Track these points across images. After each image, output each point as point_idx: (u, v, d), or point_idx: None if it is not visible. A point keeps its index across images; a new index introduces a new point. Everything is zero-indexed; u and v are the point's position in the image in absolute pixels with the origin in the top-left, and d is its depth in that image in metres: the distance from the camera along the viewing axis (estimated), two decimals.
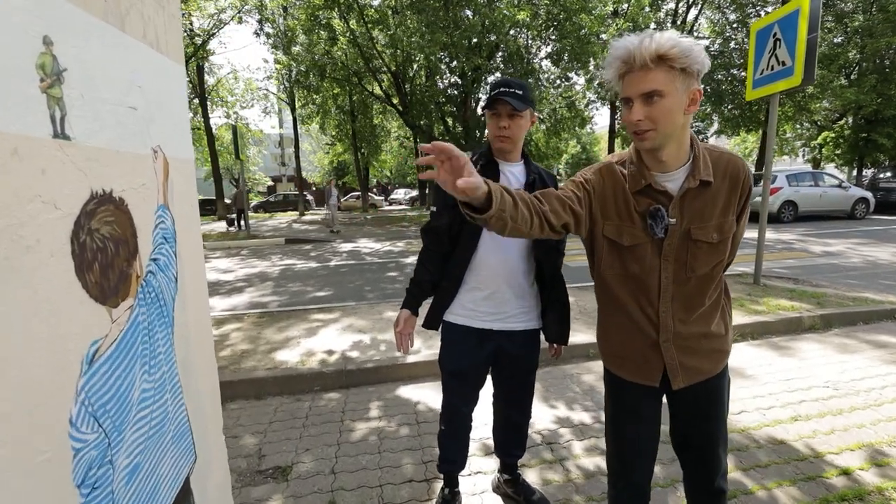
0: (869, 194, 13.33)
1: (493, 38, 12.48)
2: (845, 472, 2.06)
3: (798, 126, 20.57)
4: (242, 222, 15.38)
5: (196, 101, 20.75)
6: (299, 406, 2.79)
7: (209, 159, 20.90)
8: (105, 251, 0.66)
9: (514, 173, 1.59)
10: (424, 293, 1.63)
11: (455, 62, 13.24)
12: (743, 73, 17.78)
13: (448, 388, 1.70)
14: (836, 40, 16.93)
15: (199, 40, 17.68)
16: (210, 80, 22.27)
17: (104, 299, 0.66)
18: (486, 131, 1.58)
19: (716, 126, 20.50)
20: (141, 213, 0.77)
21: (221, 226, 18.02)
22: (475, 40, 12.53)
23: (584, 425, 2.48)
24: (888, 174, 14.57)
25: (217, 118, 25.04)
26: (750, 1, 17.57)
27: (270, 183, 38.76)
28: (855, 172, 19.04)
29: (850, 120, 18.24)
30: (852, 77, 17.09)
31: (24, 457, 0.53)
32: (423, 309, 1.68)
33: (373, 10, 14.03)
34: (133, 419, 0.72)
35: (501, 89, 1.46)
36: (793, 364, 3.25)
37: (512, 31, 12.73)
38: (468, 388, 1.69)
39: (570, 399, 2.79)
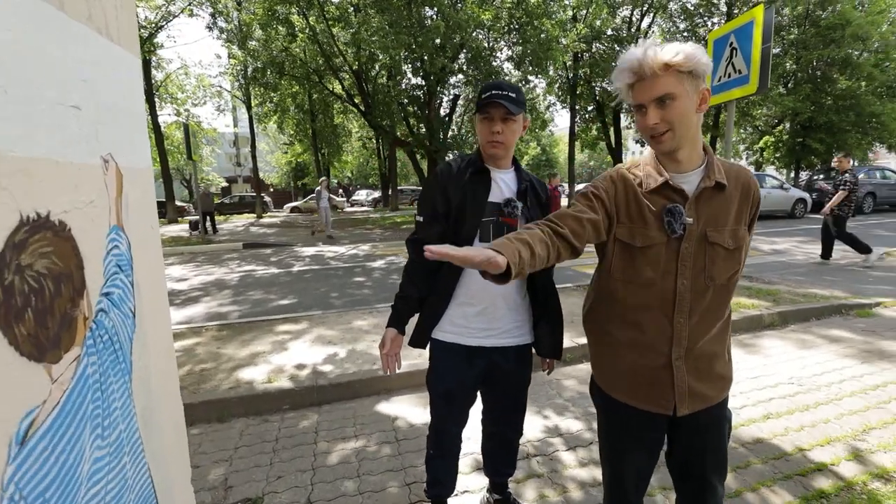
0: (806, 195, 14.37)
1: (456, 38, 12.44)
2: (818, 469, 2.12)
3: (742, 130, 21.88)
4: (209, 225, 14.48)
5: (143, 97, 19.55)
6: (268, 428, 2.59)
7: (158, 159, 19.72)
8: (41, 292, 0.51)
9: (505, 181, 1.50)
10: (412, 310, 1.51)
11: (419, 62, 13.11)
12: None
13: (436, 410, 1.60)
14: (774, 51, 18.12)
15: (145, 33, 16.60)
16: (158, 76, 21.04)
17: (41, 355, 0.51)
18: (477, 136, 1.49)
19: None
20: (88, 239, 0.62)
21: (171, 230, 17.02)
22: (439, 41, 12.45)
23: (572, 435, 2.44)
24: (822, 176, 15.73)
25: (166, 115, 23.69)
26: (698, 12, 18.53)
27: (225, 184, 37.12)
28: (793, 174, 20.46)
29: (788, 126, 19.59)
30: (790, 86, 18.35)
31: None
32: (409, 326, 1.57)
33: (333, 7, 13.66)
34: (82, 501, 0.57)
35: (494, 92, 1.37)
36: (758, 361, 3.36)
37: (475, 33, 12.75)
38: (458, 409, 1.59)
39: (555, 407, 2.74)
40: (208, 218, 14.36)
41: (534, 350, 1.61)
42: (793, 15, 17.40)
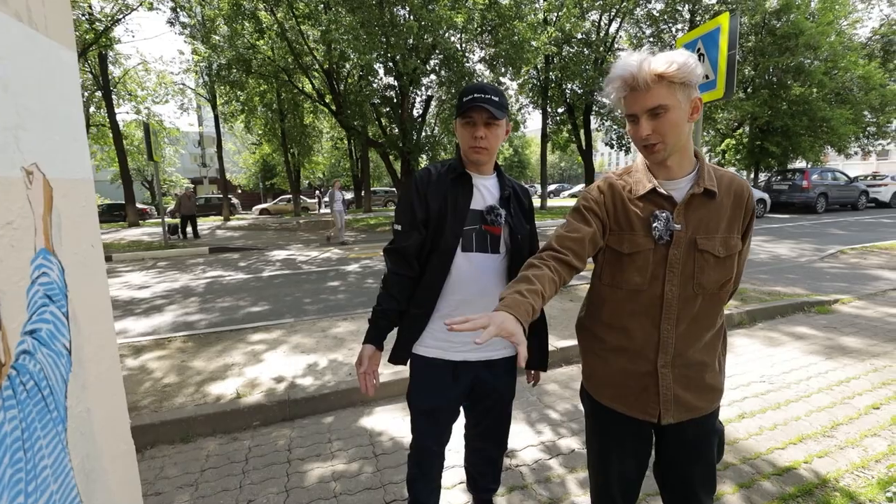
0: (766, 195, 15.03)
1: (429, 39, 12.36)
2: (793, 468, 2.16)
3: (705, 133, 22.71)
4: (190, 229, 13.64)
5: (99, 94, 18.57)
6: (237, 447, 2.44)
7: (117, 159, 18.78)
8: None
9: (487, 187, 1.44)
10: (391, 323, 1.43)
11: (392, 62, 12.95)
12: None
13: (418, 428, 1.52)
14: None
15: (100, 26, 15.74)
16: (116, 72, 20.04)
17: None
18: (458, 140, 1.41)
19: None
20: (5, 268, 0.51)
21: (132, 233, 16.24)
22: (412, 41, 12.33)
23: (555, 443, 2.40)
24: (779, 178, 16.50)
25: (125, 113, 22.64)
26: (663, 18, 19.10)
27: (190, 185, 35.76)
28: (752, 176, 21.38)
29: (748, 129, 20.46)
30: (748, 91, 19.16)
31: None
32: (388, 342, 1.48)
33: (303, 4, 13.32)
34: None
35: (476, 95, 1.30)
36: (730, 360, 3.43)
37: (448, 34, 12.70)
38: (442, 428, 1.51)
39: (538, 414, 2.71)
40: (189, 222, 13.60)
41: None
42: (751, 23, 18.16)
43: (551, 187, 40.74)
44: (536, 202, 20.80)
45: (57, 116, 0.65)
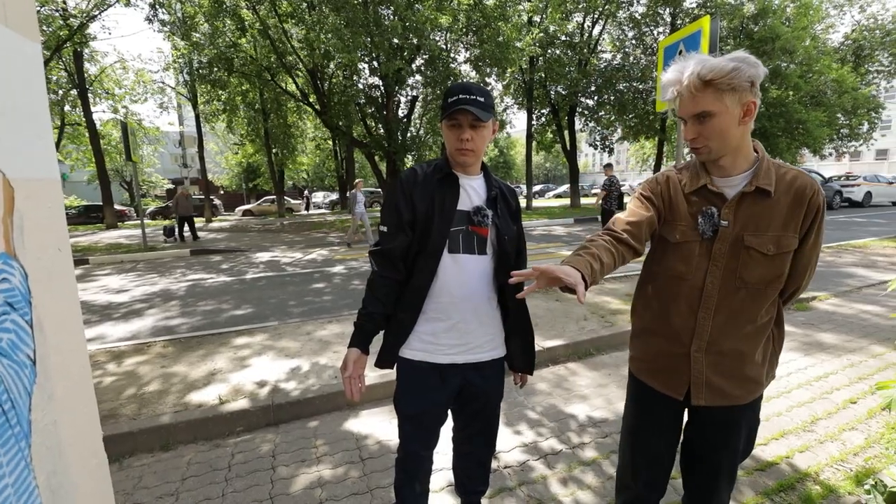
0: None
1: (414, 40, 12.31)
2: (775, 463, 2.20)
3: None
4: (187, 231, 13.20)
5: (74, 92, 18.06)
6: (220, 454, 2.38)
7: (93, 159, 18.28)
8: None
9: (474, 187, 1.42)
10: (377, 327, 1.40)
11: (377, 62, 12.86)
12: (642, 86, 19.58)
13: (405, 433, 1.49)
14: None
15: (75, 22, 15.29)
16: (92, 69, 19.51)
17: None
18: (444, 143, 1.40)
19: (619, 133, 22.34)
20: None
21: (110, 236, 15.83)
22: (396, 41, 12.26)
23: (541, 446, 2.40)
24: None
25: (101, 112, 22.08)
26: (645, 21, 19.40)
27: (170, 186, 34.98)
28: None
29: None
30: None
31: None
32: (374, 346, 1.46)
33: (286, 3, 13.15)
34: None
35: (461, 96, 1.28)
36: None
37: (432, 34, 12.67)
38: (429, 431, 1.49)
39: (525, 416, 2.70)
40: (186, 223, 13.15)
41: (506, 364, 1.55)
42: (730, 27, 18.56)
43: (537, 188, 41.02)
44: (522, 202, 20.90)
45: (19, 113, 0.61)
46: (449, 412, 1.56)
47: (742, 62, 1.02)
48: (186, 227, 13.37)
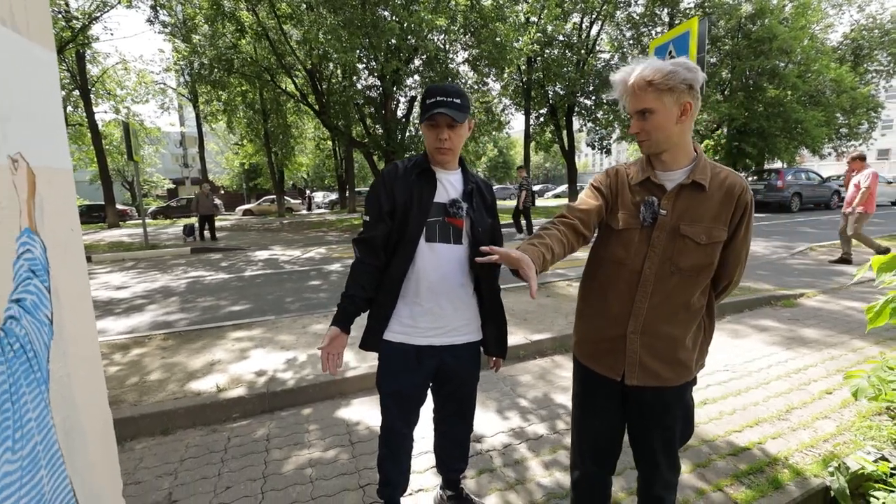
0: None
1: (412, 41, 12.42)
2: (748, 448, 2.30)
3: None
4: (207, 231, 12.90)
5: (77, 93, 18.19)
6: (216, 438, 2.49)
7: (95, 159, 18.42)
8: None
9: (451, 182, 1.54)
10: (358, 309, 1.51)
11: (375, 63, 12.97)
12: None
13: (387, 410, 1.60)
14: (711, 60, 19.36)
15: (77, 24, 15.44)
16: (94, 70, 19.65)
17: None
18: (424, 141, 1.51)
19: (617, 133, 22.42)
20: None
21: (112, 234, 15.96)
22: (394, 41, 12.37)
23: (524, 429, 2.51)
24: (755, 178, 16.96)
25: (103, 113, 22.21)
26: (643, 21, 19.48)
27: (171, 186, 35.16)
28: None
29: (725, 130, 20.97)
30: (726, 93, 19.66)
31: None
32: (357, 330, 1.57)
33: (284, 4, 13.27)
34: None
35: (438, 98, 1.39)
36: None
37: (430, 36, 12.78)
38: (409, 409, 1.60)
39: (510, 403, 2.81)
40: (207, 222, 12.88)
41: (481, 349, 1.66)
42: (727, 27, 18.65)
43: (536, 187, 41.10)
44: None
45: (38, 111, 0.72)
46: (430, 394, 1.68)
47: (680, 66, 1.13)
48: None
